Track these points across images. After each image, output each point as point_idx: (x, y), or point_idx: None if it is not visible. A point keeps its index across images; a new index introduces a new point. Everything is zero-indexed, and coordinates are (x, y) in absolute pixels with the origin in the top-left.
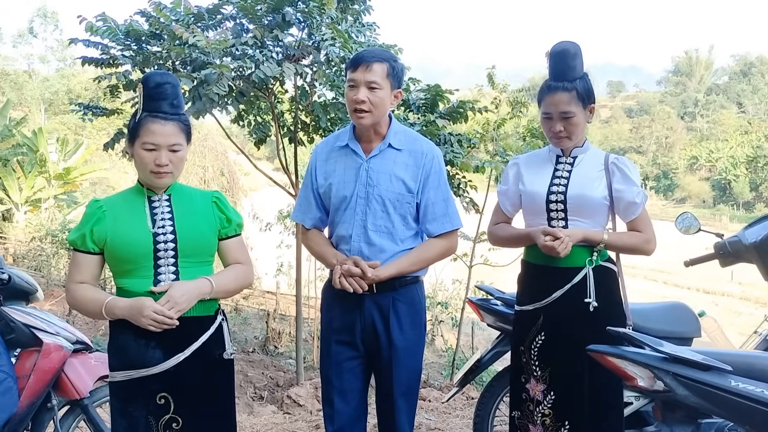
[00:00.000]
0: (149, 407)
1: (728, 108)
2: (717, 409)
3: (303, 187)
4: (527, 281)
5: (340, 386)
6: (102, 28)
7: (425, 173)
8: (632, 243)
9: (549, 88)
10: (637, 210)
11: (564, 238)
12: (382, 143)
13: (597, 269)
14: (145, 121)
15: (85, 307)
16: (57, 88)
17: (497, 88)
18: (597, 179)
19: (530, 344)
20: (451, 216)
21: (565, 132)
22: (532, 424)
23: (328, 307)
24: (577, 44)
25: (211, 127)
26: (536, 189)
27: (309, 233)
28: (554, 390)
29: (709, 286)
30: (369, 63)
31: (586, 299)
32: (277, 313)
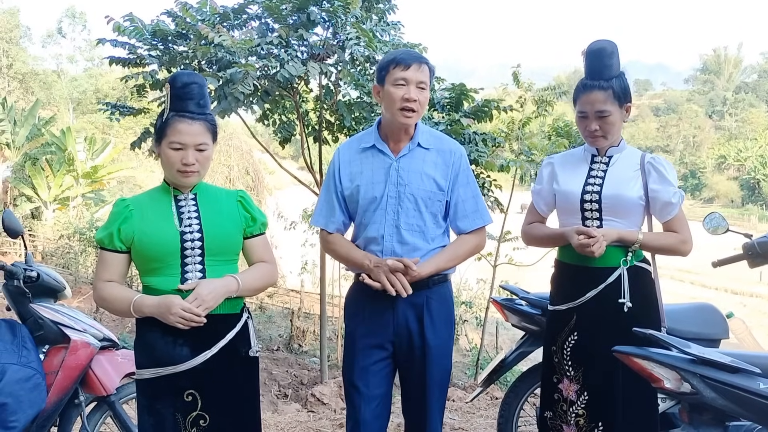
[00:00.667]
0: (176, 404)
1: (757, 106)
2: (745, 412)
3: (324, 191)
4: (561, 281)
5: (367, 392)
6: (129, 28)
7: (455, 171)
8: (668, 243)
9: (585, 87)
10: (674, 210)
11: (598, 238)
12: (411, 143)
13: (632, 270)
14: (173, 121)
15: (113, 305)
16: (85, 87)
17: (522, 87)
18: (633, 179)
19: (563, 344)
20: (481, 212)
21: (600, 131)
22: (565, 424)
23: (354, 311)
24: (614, 43)
25: (237, 126)
26: (571, 188)
27: (332, 237)
28: (588, 390)
29: (738, 287)
30: (421, 63)
31: (620, 300)
32: (302, 311)
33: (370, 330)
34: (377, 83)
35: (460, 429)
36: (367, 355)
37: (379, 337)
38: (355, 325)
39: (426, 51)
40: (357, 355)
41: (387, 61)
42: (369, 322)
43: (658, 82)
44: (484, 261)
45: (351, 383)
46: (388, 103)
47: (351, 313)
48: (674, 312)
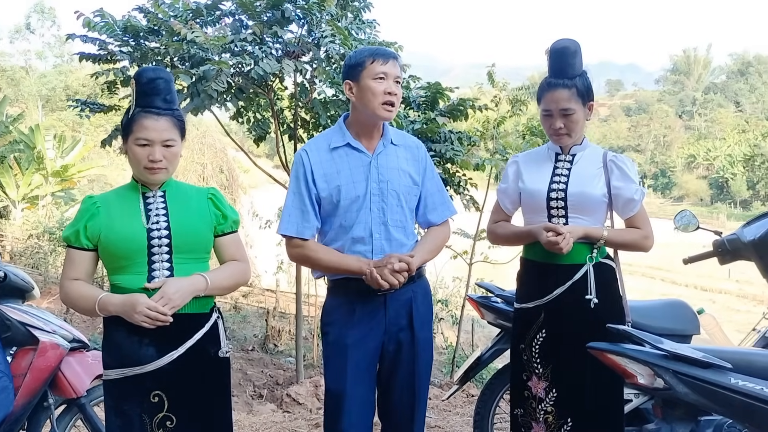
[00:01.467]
0: (143, 405)
1: (726, 107)
2: (717, 406)
3: (294, 198)
4: (527, 279)
5: (359, 400)
6: (100, 24)
7: (423, 165)
8: (631, 239)
9: (549, 86)
10: (636, 207)
11: (566, 234)
12: (384, 139)
13: (597, 266)
14: (138, 117)
15: (78, 303)
16: (54, 84)
17: (497, 87)
18: (596, 176)
19: (531, 342)
20: (448, 204)
21: (565, 129)
22: (534, 422)
23: (341, 318)
24: (577, 42)
25: (210, 124)
26: (537, 187)
27: (310, 245)
28: (556, 387)
29: (707, 283)
30: (396, 58)
31: (587, 296)
32: (277, 311)
33: (362, 335)
34: (350, 80)
35: (437, 427)
36: (361, 361)
37: (372, 340)
38: (345, 333)
39: (402, 50)
40: (350, 363)
41: (363, 56)
42: (360, 327)
43: (629, 83)
44: (459, 259)
45: (342, 393)
46: (368, 98)
47: (337, 322)
48: (646, 308)
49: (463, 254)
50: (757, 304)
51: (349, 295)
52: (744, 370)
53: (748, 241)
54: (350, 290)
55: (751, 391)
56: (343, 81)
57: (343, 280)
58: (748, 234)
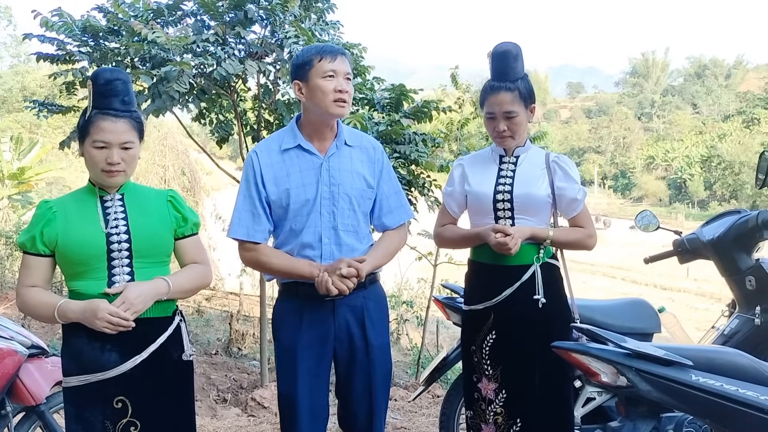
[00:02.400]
0: (106, 412)
1: (683, 109)
2: (678, 403)
3: (244, 200)
4: (476, 281)
5: (311, 404)
6: (58, 24)
7: (379, 167)
8: (576, 238)
9: (492, 88)
10: (579, 206)
11: (514, 235)
12: (338, 140)
13: (543, 266)
14: (96, 119)
15: (36, 311)
16: (11, 85)
17: (460, 88)
18: (540, 177)
19: (481, 343)
20: (405, 207)
21: (508, 131)
22: (484, 423)
23: (290, 323)
24: (518, 45)
25: (172, 126)
26: (483, 189)
27: (262, 249)
28: (506, 388)
29: (666, 282)
30: (344, 54)
31: (535, 296)
32: (241, 314)
33: (311, 339)
34: (298, 79)
35: (403, 428)
36: (313, 366)
37: (321, 344)
38: (294, 337)
39: (365, 51)
40: (300, 367)
41: (310, 55)
42: (309, 331)
43: (590, 85)
44: (424, 260)
45: (293, 397)
46: (318, 97)
47: (286, 325)
48: (608, 307)
49: (428, 255)
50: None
51: (298, 299)
52: (704, 367)
53: (707, 240)
54: (299, 295)
55: (711, 387)
56: (292, 81)
57: (293, 284)
58: (707, 233)
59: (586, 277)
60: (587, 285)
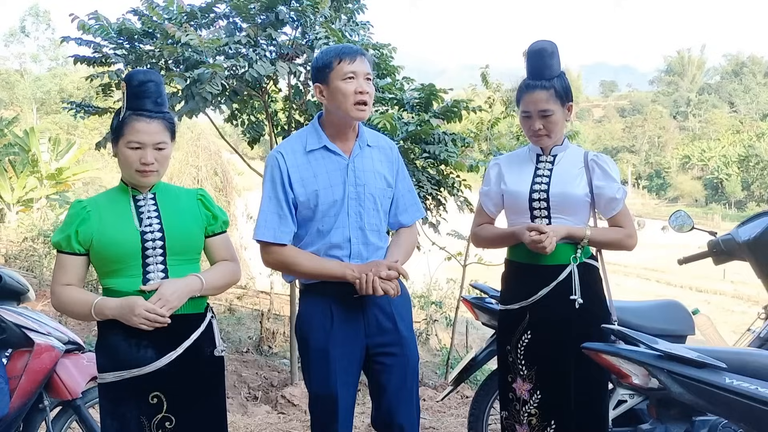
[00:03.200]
0: (141, 407)
1: (720, 107)
2: (711, 406)
3: (269, 203)
4: (512, 280)
5: (347, 403)
6: (94, 27)
7: (396, 167)
8: (614, 238)
9: (527, 87)
10: (618, 206)
11: (549, 233)
12: (360, 141)
13: (581, 266)
14: (130, 120)
15: (72, 309)
16: (49, 87)
17: (491, 88)
18: (578, 176)
19: (516, 343)
20: (418, 205)
21: (544, 130)
22: (518, 424)
23: (318, 325)
24: (554, 43)
25: (205, 127)
26: (519, 188)
27: (288, 251)
28: (540, 389)
29: (702, 284)
30: (363, 55)
31: (572, 296)
32: (271, 312)
33: (343, 338)
34: (319, 82)
35: (431, 428)
36: (345, 365)
37: (354, 343)
38: (325, 337)
39: (395, 51)
40: (335, 366)
41: (329, 58)
42: (340, 331)
43: (623, 84)
44: (453, 261)
45: (331, 397)
46: (338, 99)
47: (315, 326)
48: (641, 309)
49: (457, 256)
50: (752, 304)
51: (326, 299)
52: (738, 370)
53: (743, 241)
54: (327, 294)
55: (745, 390)
56: (313, 84)
57: (320, 285)
58: (742, 234)
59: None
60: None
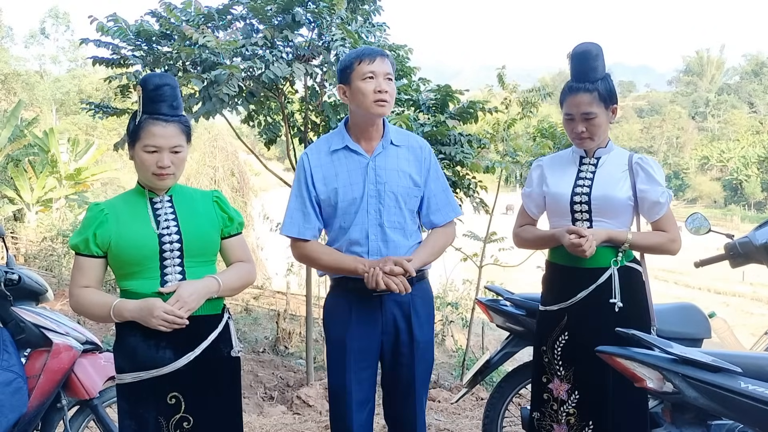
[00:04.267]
0: (159, 407)
1: (739, 108)
2: (726, 411)
3: (295, 200)
4: (552, 282)
5: (359, 397)
6: (113, 29)
7: (426, 166)
8: (657, 242)
9: (571, 89)
10: (662, 210)
11: (589, 237)
12: (384, 140)
13: (622, 270)
14: (146, 124)
15: (91, 311)
16: (68, 88)
17: (507, 89)
18: (621, 179)
19: (553, 344)
20: (452, 205)
21: (587, 133)
22: (556, 424)
23: (340, 317)
24: (599, 45)
25: (222, 128)
26: (560, 190)
27: (311, 246)
28: (578, 389)
29: (721, 286)
30: (384, 56)
31: (611, 300)
32: (288, 313)
33: (360, 333)
34: (342, 83)
35: (446, 430)
36: (360, 359)
37: (369, 339)
38: (343, 331)
39: (411, 52)
40: (349, 359)
41: (351, 59)
42: (358, 326)
43: (641, 84)
44: (469, 262)
45: (343, 389)
46: (359, 98)
47: (336, 320)
48: (657, 312)
49: (473, 257)
50: None
51: (347, 294)
52: (754, 374)
53: (760, 244)
54: (348, 290)
55: (761, 395)
56: (337, 86)
57: (343, 280)
58: (760, 237)
59: None
60: None
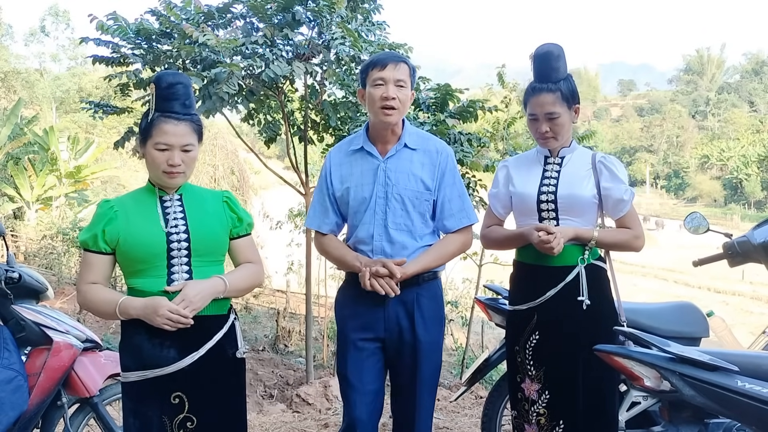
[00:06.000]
0: (163, 407)
1: (740, 107)
2: (723, 409)
3: (317, 194)
4: (520, 281)
5: (361, 387)
6: (113, 27)
7: (441, 171)
8: (622, 239)
9: (534, 90)
10: (626, 207)
11: (557, 234)
12: (398, 143)
13: (589, 268)
14: (158, 122)
15: (97, 307)
16: (68, 86)
17: (507, 87)
18: (585, 178)
19: (525, 344)
20: (467, 211)
21: (551, 132)
22: (527, 424)
23: (347, 307)
24: (560, 46)
25: (222, 126)
26: (527, 190)
27: (325, 239)
28: (549, 389)
29: (720, 285)
30: (397, 62)
31: (579, 297)
32: (287, 311)
33: (362, 324)
34: (361, 87)
35: (445, 428)
36: (359, 349)
37: (371, 331)
38: (347, 321)
39: (411, 51)
40: (349, 349)
41: (366, 65)
42: (361, 318)
43: (642, 83)
44: (469, 260)
45: (344, 378)
46: (370, 104)
47: (343, 310)
48: (655, 311)
49: (473, 255)
50: None
51: (356, 288)
52: (751, 373)
53: (759, 243)
54: (356, 285)
55: (757, 394)
56: (358, 89)
57: (351, 274)
58: (758, 236)
59: (637, 279)
60: (638, 287)
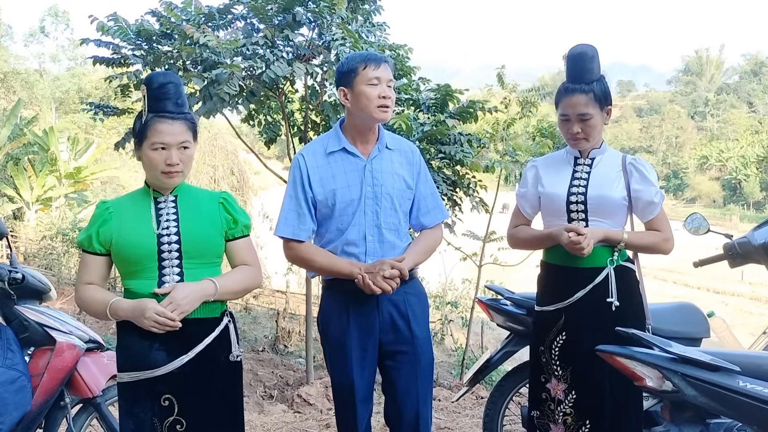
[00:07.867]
0: (154, 409)
1: (739, 107)
2: (725, 409)
3: (290, 201)
4: (548, 282)
5: (364, 394)
6: (113, 28)
7: (417, 170)
8: (651, 242)
9: (566, 90)
10: (656, 210)
11: (587, 235)
12: (379, 144)
13: (618, 269)
14: (153, 122)
15: (91, 307)
16: (68, 87)
17: (507, 88)
18: (616, 180)
19: (551, 344)
20: (440, 207)
21: (582, 133)
22: (553, 423)
23: (337, 318)
24: (594, 47)
25: (222, 127)
26: (556, 191)
27: (305, 247)
28: (575, 389)
29: (720, 286)
30: (387, 62)
31: (608, 299)
32: (287, 312)
33: (359, 331)
34: (343, 86)
35: (446, 428)
36: (362, 357)
37: (368, 337)
38: (343, 331)
39: (411, 52)
40: (352, 357)
41: (356, 63)
42: (356, 326)
43: (641, 83)
44: (469, 261)
45: (349, 387)
46: (363, 103)
47: (334, 320)
48: (656, 311)
49: (472, 256)
50: None
51: (343, 296)
52: (752, 373)
53: (759, 244)
54: (344, 290)
55: (759, 394)
56: (337, 88)
57: (336, 281)
58: (758, 237)
59: None
60: None
